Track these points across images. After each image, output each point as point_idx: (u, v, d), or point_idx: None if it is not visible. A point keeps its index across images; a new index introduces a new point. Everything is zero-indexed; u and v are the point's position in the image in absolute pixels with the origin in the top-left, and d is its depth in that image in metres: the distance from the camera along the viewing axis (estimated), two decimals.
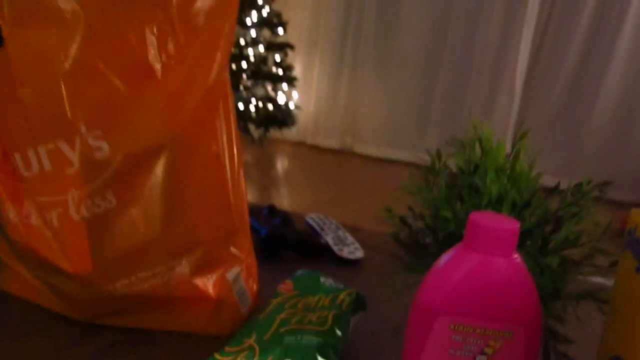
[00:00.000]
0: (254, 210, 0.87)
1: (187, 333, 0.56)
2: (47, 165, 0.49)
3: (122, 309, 0.54)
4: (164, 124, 0.50)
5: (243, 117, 4.17)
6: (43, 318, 0.57)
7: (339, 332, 0.53)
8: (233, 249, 0.58)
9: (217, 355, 0.49)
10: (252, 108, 4.24)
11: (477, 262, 0.34)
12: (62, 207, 0.49)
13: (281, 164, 4.23)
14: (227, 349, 0.50)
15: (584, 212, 0.46)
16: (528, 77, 3.83)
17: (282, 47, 4.22)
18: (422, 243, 0.47)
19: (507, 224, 0.34)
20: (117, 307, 0.54)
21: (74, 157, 0.48)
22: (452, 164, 0.52)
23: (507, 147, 0.50)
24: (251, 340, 0.51)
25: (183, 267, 0.53)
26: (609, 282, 0.42)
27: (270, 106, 4.32)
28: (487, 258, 0.34)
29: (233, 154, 0.58)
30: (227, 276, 0.56)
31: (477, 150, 0.52)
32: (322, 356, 0.47)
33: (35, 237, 0.51)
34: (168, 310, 0.54)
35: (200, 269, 0.54)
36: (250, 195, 3.22)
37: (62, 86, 0.48)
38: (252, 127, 4.35)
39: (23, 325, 0.56)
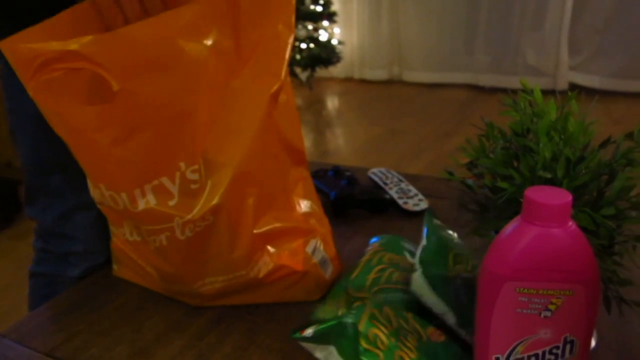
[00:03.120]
0: (320, 173, 0.93)
1: (282, 302, 0.64)
2: (152, 201, 0.55)
3: (221, 295, 0.62)
4: (243, 145, 0.56)
5: (288, 61, 4.18)
6: (157, 300, 0.66)
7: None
8: (309, 222, 0.65)
9: (319, 313, 0.57)
10: (295, 50, 4.23)
11: (536, 235, 0.38)
12: (169, 231, 0.56)
13: (332, 103, 4.25)
14: (327, 307, 0.58)
15: (637, 160, 0.49)
16: None
17: None
18: (485, 206, 0.52)
19: (560, 199, 0.38)
20: (219, 295, 0.62)
21: (175, 189, 0.55)
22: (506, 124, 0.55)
23: (561, 56, 0.52)
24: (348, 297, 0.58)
25: (270, 257, 0.60)
26: None
27: (313, 46, 4.29)
28: (544, 230, 0.38)
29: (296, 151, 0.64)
30: (307, 250, 0.62)
31: (529, 109, 0.54)
32: (409, 310, 0.53)
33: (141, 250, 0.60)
34: (261, 289, 0.62)
35: (284, 250, 0.61)
36: (307, 140, 3.28)
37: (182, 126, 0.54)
38: (298, 70, 4.35)
39: (141, 308, 0.66)
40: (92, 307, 0.66)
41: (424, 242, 0.61)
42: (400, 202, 0.86)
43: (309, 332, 0.52)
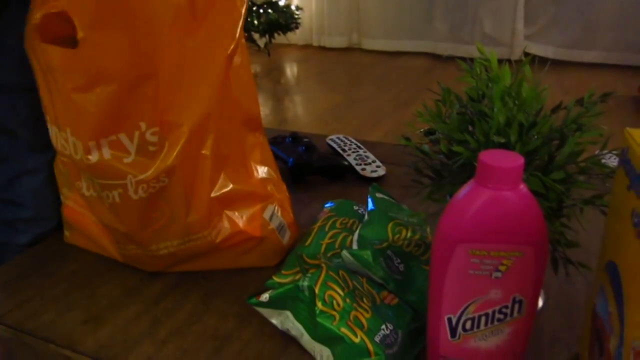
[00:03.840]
0: (277, 140, 0.92)
1: (239, 268, 0.64)
2: (107, 155, 0.54)
3: (178, 261, 0.61)
4: (201, 106, 0.55)
5: (246, 27, 4.08)
6: (112, 267, 0.65)
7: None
8: (267, 188, 0.64)
9: (275, 278, 0.57)
10: (253, 16, 4.14)
11: (488, 197, 0.39)
12: (122, 188, 0.55)
13: (290, 70, 4.19)
14: (283, 272, 0.58)
15: (587, 125, 0.50)
16: None
17: None
18: (440, 172, 0.52)
19: (512, 162, 0.38)
20: (174, 260, 0.61)
21: (132, 148, 0.54)
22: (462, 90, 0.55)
23: (517, 26, 0.53)
24: (303, 265, 0.58)
25: (227, 221, 0.59)
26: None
27: (271, 11, 4.20)
28: (497, 193, 0.39)
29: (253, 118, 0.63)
30: (264, 216, 0.62)
31: (484, 75, 0.55)
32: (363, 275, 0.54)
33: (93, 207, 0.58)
34: (218, 254, 0.61)
35: (241, 216, 0.61)
36: (265, 107, 3.24)
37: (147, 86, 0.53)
38: (256, 36, 4.27)
39: (95, 274, 0.64)
40: (43, 273, 0.64)
41: (365, 216, 0.62)
42: (358, 168, 0.87)
43: (265, 296, 0.52)
